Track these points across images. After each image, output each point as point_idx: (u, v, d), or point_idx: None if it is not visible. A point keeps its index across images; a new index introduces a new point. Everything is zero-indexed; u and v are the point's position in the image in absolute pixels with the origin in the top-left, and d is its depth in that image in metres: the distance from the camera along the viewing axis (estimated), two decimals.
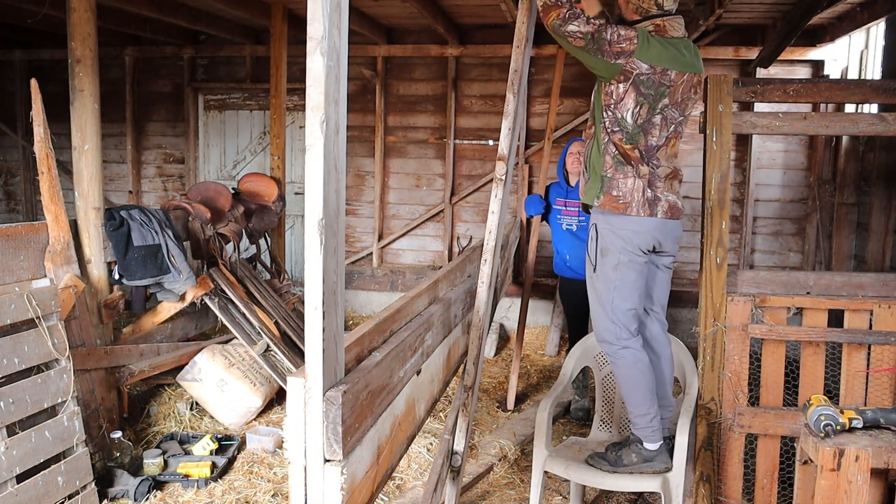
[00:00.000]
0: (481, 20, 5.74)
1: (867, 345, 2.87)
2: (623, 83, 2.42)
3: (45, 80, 3.41)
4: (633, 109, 2.43)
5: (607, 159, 2.51)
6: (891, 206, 4.53)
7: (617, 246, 2.52)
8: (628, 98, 2.43)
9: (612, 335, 2.58)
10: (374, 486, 1.57)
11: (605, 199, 2.51)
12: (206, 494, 3.20)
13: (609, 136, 2.49)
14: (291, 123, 6.43)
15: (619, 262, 2.52)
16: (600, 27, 2.37)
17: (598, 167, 2.54)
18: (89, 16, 3.40)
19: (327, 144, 1.23)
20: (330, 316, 1.27)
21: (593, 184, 2.56)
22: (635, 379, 2.57)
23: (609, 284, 2.55)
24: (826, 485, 1.86)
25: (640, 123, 2.45)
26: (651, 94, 2.42)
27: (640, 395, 2.57)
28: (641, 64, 2.38)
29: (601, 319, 2.61)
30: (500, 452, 3.62)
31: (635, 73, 2.39)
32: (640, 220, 2.48)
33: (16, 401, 2.69)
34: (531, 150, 6.04)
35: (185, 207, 4.06)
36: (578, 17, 2.37)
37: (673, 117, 2.49)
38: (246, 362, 4.00)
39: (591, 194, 2.56)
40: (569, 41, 2.40)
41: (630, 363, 2.56)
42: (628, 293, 2.54)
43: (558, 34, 2.40)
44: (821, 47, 5.45)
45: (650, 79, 2.40)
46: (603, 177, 2.52)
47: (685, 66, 2.45)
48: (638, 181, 2.47)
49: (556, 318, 5.71)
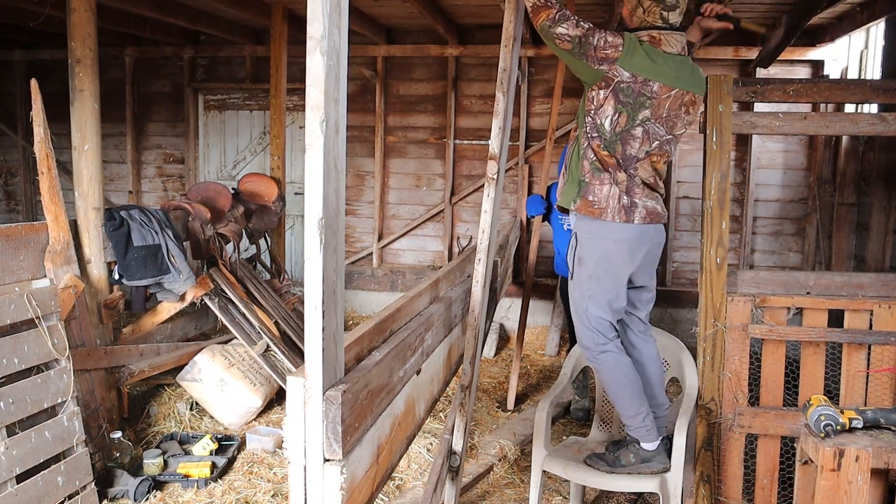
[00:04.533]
0: (481, 20, 5.75)
1: (867, 345, 2.87)
2: (604, 89, 2.41)
3: (45, 80, 3.41)
4: (611, 117, 2.42)
5: (585, 164, 2.50)
6: (891, 206, 4.53)
7: (594, 256, 2.52)
8: (607, 105, 2.41)
9: (590, 341, 2.59)
10: (374, 485, 1.57)
11: (580, 204, 2.51)
12: (206, 494, 3.20)
13: (588, 141, 2.49)
14: (291, 123, 6.43)
15: (593, 272, 2.53)
16: (588, 31, 2.35)
17: (576, 171, 2.54)
18: (89, 16, 3.40)
19: (327, 144, 1.23)
20: (330, 315, 1.27)
21: (571, 187, 2.57)
22: (619, 381, 2.57)
23: (584, 293, 2.56)
24: (826, 485, 1.86)
25: (617, 132, 2.42)
26: (630, 102, 2.39)
27: (627, 396, 2.58)
28: (623, 72, 2.36)
29: (578, 326, 2.63)
30: (500, 452, 3.62)
31: (616, 80, 2.37)
32: (617, 226, 2.47)
33: (16, 401, 2.69)
34: (531, 150, 6.04)
35: (185, 207, 4.06)
36: (568, 20, 2.36)
37: (657, 133, 2.44)
38: (246, 362, 4.00)
39: (568, 197, 2.56)
40: (556, 43, 2.39)
41: (611, 366, 2.56)
42: (603, 302, 2.54)
43: (547, 35, 2.39)
44: (821, 47, 5.46)
45: (630, 87, 2.37)
46: (581, 181, 2.52)
47: (672, 82, 2.40)
48: (614, 188, 2.46)
49: (556, 318, 5.71)
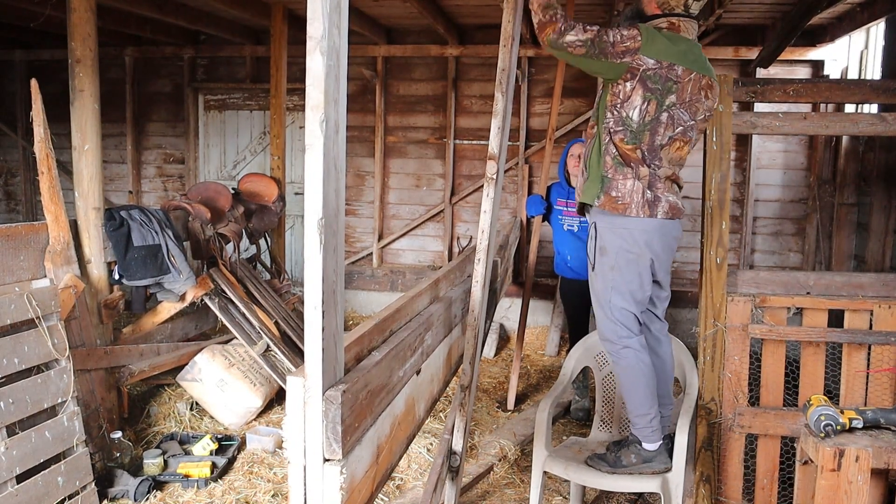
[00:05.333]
0: (481, 20, 5.75)
1: (867, 345, 2.87)
2: (630, 81, 2.41)
3: (45, 80, 3.41)
4: (640, 106, 2.42)
5: (608, 160, 2.50)
6: (891, 206, 4.53)
7: (615, 245, 2.52)
8: (635, 95, 2.42)
9: (612, 334, 2.57)
10: (374, 485, 1.57)
11: (604, 200, 2.51)
12: (206, 495, 3.20)
13: (611, 136, 2.49)
14: (291, 123, 6.43)
15: (616, 262, 2.52)
16: (599, 31, 2.37)
17: (598, 167, 2.54)
18: (89, 16, 3.40)
19: (327, 144, 1.22)
20: (330, 315, 1.27)
21: (593, 184, 2.55)
22: (636, 379, 2.56)
23: (607, 284, 2.55)
24: (826, 485, 1.86)
25: (647, 121, 2.44)
26: (658, 88, 2.41)
27: (641, 395, 2.57)
28: (648, 59, 2.37)
29: (601, 318, 2.61)
30: (500, 452, 3.61)
31: (642, 69, 2.39)
32: (639, 220, 2.48)
33: (16, 401, 2.69)
34: (531, 150, 6.04)
35: (185, 207, 4.06)
36: (574, 27, 2.37)
37: (681, 119, 2.47)
38: (246, 362, 4.00)
39: (591, 194, 2.55)
40: (568, 51, 2.39)
41: (631, 363, 2.54)
42: (626, 293, 2.53)
43: (556, 47, 2.40)
44: (821, 47, 5.45)
45: (657, 73, 2.39)
46: (603, 177, 2.51)
47: (692, 64, 2.45)
48: (637, 182, 2.47)
49: (556, 318, 5.71)
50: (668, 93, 2.42)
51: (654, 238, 2.51)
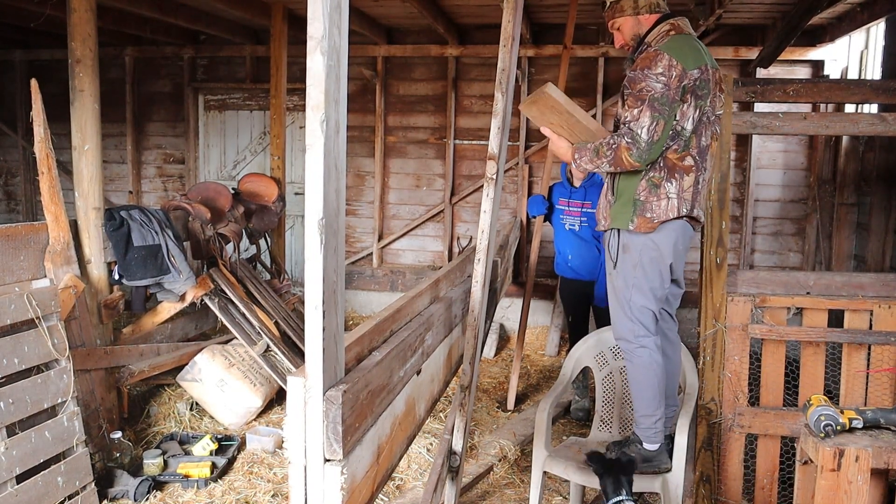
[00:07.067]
0: (481, 20, 5.74)
1: (867, 345, 2.87)
2: (687, 98, 2.41)
3: (45, 80, 3.41)
4: (691, 116, 2.43)
5: (642, 183, 2.49)
6: (891, 206, 4.53)
7: (639, 243, 2.51)
8: (689, 109, 2.41)
9: (629, 332, 2.56)
10: (374, 485, 1.57)
11: (639, 223, 2.49)
12: (206, 495, 3.20)
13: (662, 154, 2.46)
14: (291, 123, 6.43)
15: (640, 260, 2.52)
16: (651, 100, 2.35)
17: (629, 190, 2.51)
18: (89, 16, 3.40)
19: (327, 144, 1.23)
20: (330, 315, 1.27)
21: (624, 208, 2.52)
22: (647, 379, 2.55)
23: (628, 282, 2.54)
24: (826, 485, 1.86)
25: (694, 125, 2.45)
26: (705, 93, 2.43)
27: (650, 396, 2.57)
28: (693, 72, 2.38)
29: (619, 316, 2.60)
30: (500, 452, 3.62)
31: (693, 81, 2.39)
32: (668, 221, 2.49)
33: (16, 401, 2.69)
34: (531, 150, 6.04)
35: (185, 207, 4.06)
36: (634, 129, 2.36)
37: (709, 115, 2.50)
38: (246, 362, 4.00)
39: (624, 218, 2.52)
40: (658, 141, 2.38)
41: (645, 363, 2.54)
42: (647, 291, 2.53)
43: (645, 154, 2.37)
44: (821, 47, 5.45)
45: (701, 80, 2.40)
46: (636, 200, 2.49)
47: (710, 59, 2.47)
48: (672, 201, 2.46)
49: (556, 318, 5.71)
50: (707, 94, 2.45)
51: (679, 237, 2.53)
